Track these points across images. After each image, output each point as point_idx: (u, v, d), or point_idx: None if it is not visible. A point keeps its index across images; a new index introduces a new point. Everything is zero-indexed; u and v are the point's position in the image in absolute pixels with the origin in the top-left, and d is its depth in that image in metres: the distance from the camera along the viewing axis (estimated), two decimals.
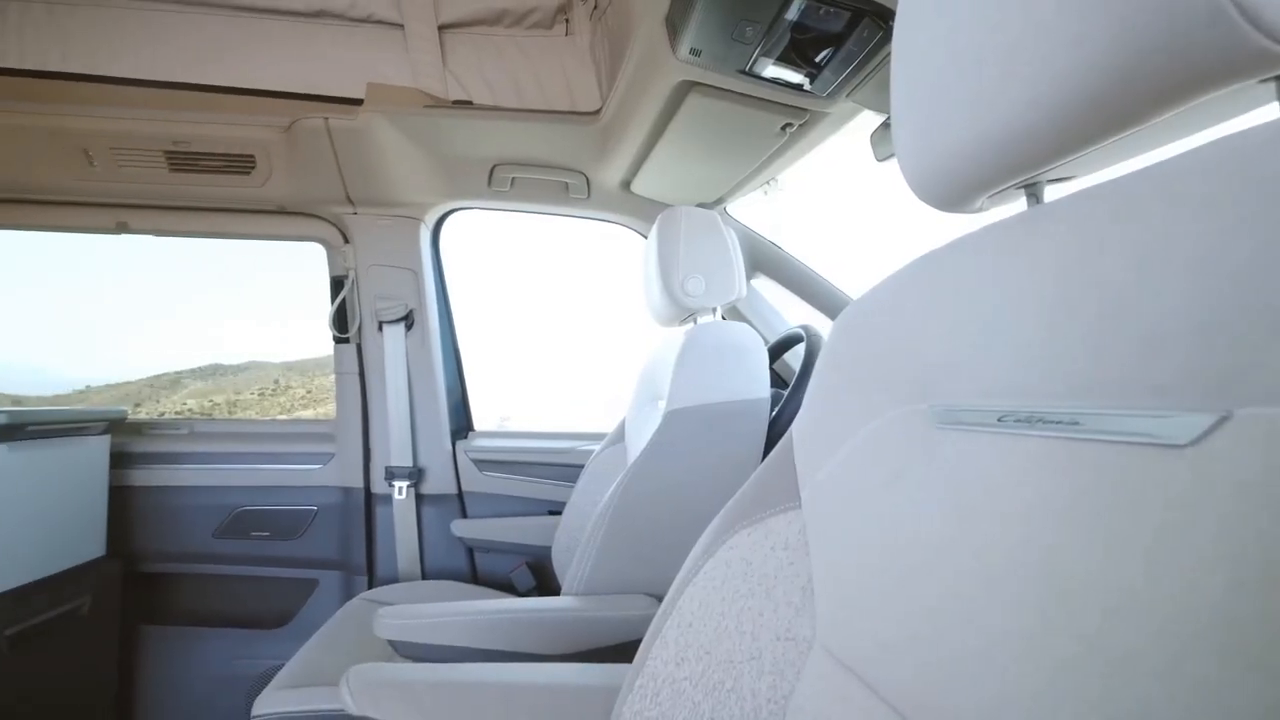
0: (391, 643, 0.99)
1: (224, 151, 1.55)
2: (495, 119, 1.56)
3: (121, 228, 1.72)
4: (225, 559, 1.78)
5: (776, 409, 1.17)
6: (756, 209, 1.83)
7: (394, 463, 1.74)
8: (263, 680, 1.77)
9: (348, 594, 1.79)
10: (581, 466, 1.62)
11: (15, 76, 1.52)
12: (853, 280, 1.66)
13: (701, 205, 1.72)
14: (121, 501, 1.68)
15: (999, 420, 0.35)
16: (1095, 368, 0.30)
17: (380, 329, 1.74)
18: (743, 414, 1.10)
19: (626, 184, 1.69)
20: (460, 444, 1.84)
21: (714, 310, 1.29)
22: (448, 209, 1.82)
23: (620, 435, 1.55)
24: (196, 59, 1.61)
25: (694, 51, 1.03)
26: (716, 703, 0.51)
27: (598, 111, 1.58)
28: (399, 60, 1.67)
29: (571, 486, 1.62)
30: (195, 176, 1.58)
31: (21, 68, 1.54)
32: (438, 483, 1.80)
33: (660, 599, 1.12)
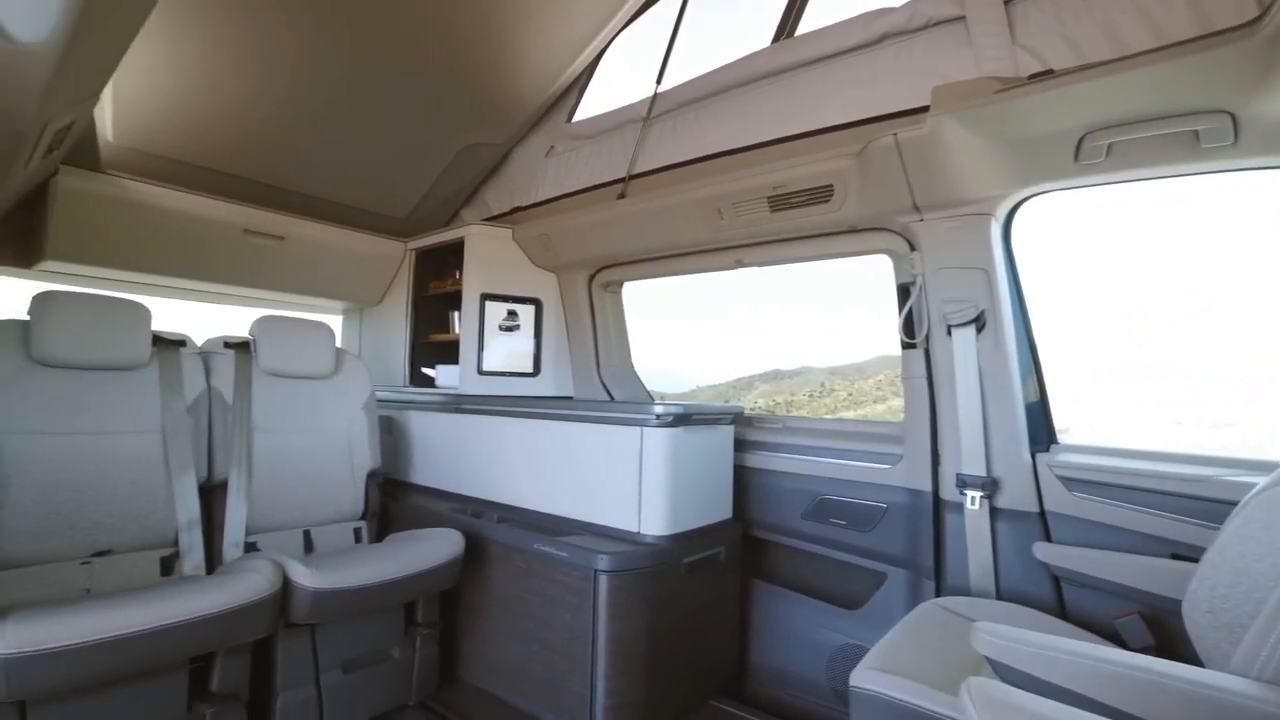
0: (992, 661, 0.95)
1: (809, 187, 1.81)
2: (1084, 81, 1.33)
3: (738, 263, 2.23)
4: (810, 538, 2.06)
5: None
6: None
7: (965, 470, 1.69)
8: (839, 652, 1.99)
9: (914, 593, 1.83)
10: (1224, 502, 1.25)
11: (679, 168, 2.16)
12: None
13: None
14: (739, 478, 2.14)
15: None
16: None
17: (949, 333, 1.71)
18: None
19: None
20: (1041, 457, 1.64)
21: None
22: (1021, 198, 1.65)
23: None
24: (781, 116, 1.96)
25: None
26: None
27: (1255, 20, 1.16)
28: (961, 54, 1.63)
29: (1207, 526, 1.29)
30: (788, 212, 1.89)
31: (683, 160, 2.17)
32: (1015, 497, 1.65)
33: None
